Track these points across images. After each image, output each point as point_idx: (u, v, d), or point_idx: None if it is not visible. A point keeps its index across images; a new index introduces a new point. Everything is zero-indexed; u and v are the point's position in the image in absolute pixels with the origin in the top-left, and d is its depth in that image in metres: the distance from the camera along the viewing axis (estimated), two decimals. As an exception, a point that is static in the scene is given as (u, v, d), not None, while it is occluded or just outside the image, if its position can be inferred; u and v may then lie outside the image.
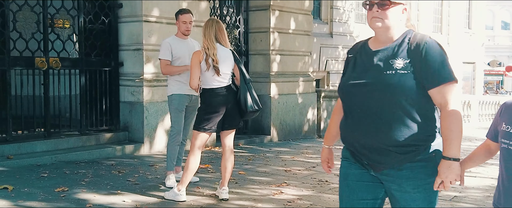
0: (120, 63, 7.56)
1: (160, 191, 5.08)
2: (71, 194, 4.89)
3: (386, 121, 2.30)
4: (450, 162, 2.27)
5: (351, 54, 2.55)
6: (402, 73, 2.29)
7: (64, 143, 6.91)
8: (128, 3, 7.41)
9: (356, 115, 2.39)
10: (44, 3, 6.81)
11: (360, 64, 2.45)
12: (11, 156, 6.24)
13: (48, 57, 6.80)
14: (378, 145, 2.32)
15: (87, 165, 6.29)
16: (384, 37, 2.41)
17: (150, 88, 7.36)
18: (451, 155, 2.28)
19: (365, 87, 2.35)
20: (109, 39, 7.50)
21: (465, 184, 2.50)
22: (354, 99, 2.40)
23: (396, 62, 2.32)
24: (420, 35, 2.38)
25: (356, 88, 2.39)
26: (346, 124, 2.47)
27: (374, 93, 2.32)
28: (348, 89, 2.44)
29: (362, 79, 2.38)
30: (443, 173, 2.27)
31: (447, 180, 2.27)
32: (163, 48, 5.32)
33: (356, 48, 2.55)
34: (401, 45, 2.36)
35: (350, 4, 15.60)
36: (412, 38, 2.37)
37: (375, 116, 2.32)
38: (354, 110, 2.40)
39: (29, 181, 5.33)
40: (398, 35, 2.39)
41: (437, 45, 2.32)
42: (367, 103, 2.34)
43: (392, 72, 2.30)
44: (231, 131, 4.88)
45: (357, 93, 2.38)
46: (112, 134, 7.45)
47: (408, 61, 2.31)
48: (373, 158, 2.38)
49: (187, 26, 5.34)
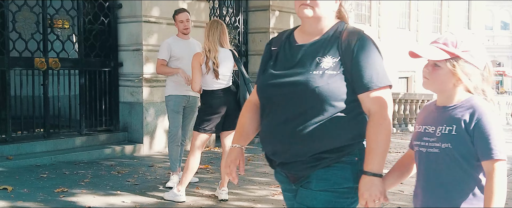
0: (119, 64, 7.56)
1: (160, 191, 5.08)
2: (71, 194, 4.89)
3: (309, 127, 1.99)
4: (372, 178, 1.96)
5: (275, 47, 2.18)
6: (330, 74, 1.99)
7: (63, 143, 6.91)
8: (128, 4, 7.41)
9: (276, 120, 2.06)
10: (43, 4, 6.81)
11: (282, 60, 2.12)
12: (10, 156, 6.24)
13: (47, 58, 6.80)
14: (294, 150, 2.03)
15: (87, 166, 6.29)
16: (313, 29, 2.09)
17: (150, 88, 7.36)
18: (373, 170, 1.97)
19: (287, 88, 2.03)
20: (109, 39, 7.50)
21: None
22: (274, 102, 2.07)
23: (324, 61, 2.01)
24: (353, 30, 2.07)
25: (277, 88, 2.06)
26: (262, 126, 2.16)
27: (297, 95, 2.00)
28: (268, 89, 2.11)
29: (284, 79, 2.05)
30: (365, 191, 1.97)
31: (371, 199, 1.96)
32: (162, 48, 5.36)
33: (280, 40, 2.19)
34: (331, 40, 2.05)
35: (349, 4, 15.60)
36: (343, 33, 2.05)
37: (296, 121, 2.00)
38: (274, 114, 2.07)
39: (29, 182, 5.32)
40: (328, 27, 2.08)
41: (371, 42, 2.04)
42: (288, 107, 2.03)
43: (318, 73, 1.99)
44: (231, 132, 4.87)
45: (278, 95, 2.06)
46: (112, 135, 7.44)
47: (338, 59, 2.01)
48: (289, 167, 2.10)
49: (184, 24, 5.35)
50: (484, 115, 1.83)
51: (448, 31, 18.70)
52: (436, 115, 1.96)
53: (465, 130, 1.84)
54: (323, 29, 2.08)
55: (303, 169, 2.06)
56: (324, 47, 2.04)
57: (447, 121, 1.90)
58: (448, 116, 1.91)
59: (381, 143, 1.98)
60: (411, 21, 18.77)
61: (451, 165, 1.88)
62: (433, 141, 1.92)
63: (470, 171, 1.87)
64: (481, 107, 1.85)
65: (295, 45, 2.11)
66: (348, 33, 2.04)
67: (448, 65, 1.87)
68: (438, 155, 1.90)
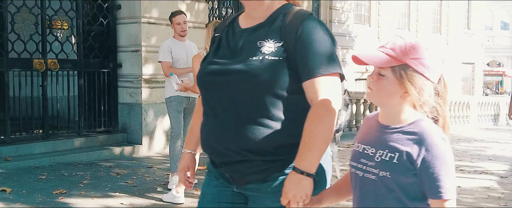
0: (118, 65, 7.56)
1: (158, 193, 5.07)
2: (69, 196, 4.88)
3: (250, 121, 1.77)
4: (301, 177, 1.71)
5: (218, 33, 1.99)
6: (272, 60, 1.76)
7: (62, 144, 6.90)
8: (127, 5, 7.40)
9: (215, 113, 1.85)
10: (42, 5, 6.80)
11: (224, 46, 1.91)
12: (9, 158, 6.23)
13: (46, 59, 6.79)
14: (239, 152, 1.80)
15: (85, 167, 6.28)
16: (256, 12, 1.89)
17: (149, 89, 7.35)
18: (303, 167, 1.71)
19: (226, 76, 1.81)
20: (108, 40, 7.49)
21: (461, 187, 2.28)
22: (213, 92, 1.86)
23: (265, 45, 1.79)
24: (299, 11, 1.85)
25: (215, 77, 1.85)
26: (204, 124, 1.93)
27: (235, 84, 1.78)
28: (205, 78, 1.89)
29: (223, 66, 1.84)
30: (289, 190, 1.72)
31: (295, 199, 1.72)
32: (163, 51, 5.32)
33: (224, 25, 2.00)
34: (274, 23, 1.84)
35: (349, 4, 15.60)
36: (288, 15, 1.84)
37: (236, 114, 1.79)
38: (213, 106, 1.86)
39: (28, 183, 5.32)
40: (272, 10, 1.87)
41: (318, 25, 1.80)
42: (227, 97, 1.81)
43: (259, 58, 1.77)
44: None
45: (216, 84, 1.84)
46: (111, 136, 7.44)
47: (281, 44, 1.79)
48: (234, 169, 1.86)
49: (181, 27, 5.34)
50: (433, 146, 1.55)
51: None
52: (377, 135, 1.68)
53: (409, 161, 1.57)
54: (267, 12, 1.87)
55: (251, 172, 1.83)
56: (267, 31, 1.83)
57: (389, 146, 1.62)
58: (391, 140, 1.62)
59: (317, 138, 1.71)
60: (411, 21, 18.77)
61: (388, 197, 1.61)
62: (371, 165, 1.64)
63: (410, 205, 1.60)
64: (430, 135, 1.57)
65: (237, 30, 1.91)
66: (293, 15, 1.83)
67: (394, 74, 1.59)
68: (375, 183, 1.63)
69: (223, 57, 1.88)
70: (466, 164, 7.62)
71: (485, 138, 12.04)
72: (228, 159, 1.84)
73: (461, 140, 11.33)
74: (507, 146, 10.34)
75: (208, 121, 1.90)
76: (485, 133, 13.74)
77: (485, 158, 8.47)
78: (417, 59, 1.58)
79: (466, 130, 13.89)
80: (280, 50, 1.78)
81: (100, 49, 7.45)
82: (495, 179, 6.42)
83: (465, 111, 15.61)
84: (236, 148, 1.79)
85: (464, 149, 9.49)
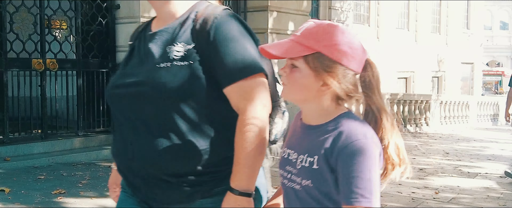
0: (117, 65, 7.55)
1: (157, 193, 5.07)
2: (68, 196, 4.87)
3: (161, 138, 1.54)
4: (238, 198, 1.50)
5: (131, 40, 1.78)
6: (181, 65, 1.53)
7: (61, 144, 6.89)
8: (126, 4, 7.40)
9: (124, 129, 1.63)
10: (41, 4, 6.80)
11: (135, 55, 1.69)
12: (8, 158, 6.22)
13: (45, 59, 6.79)
14: (154, 174, 1.57)
15: (84, 167, 6.27)
16: (165, 13, 1.66)
17: (148, 89, 7.35)
18: (239, 187, 1.50)
19: (133, 88, 1.59)
20: (107, 40, 7.49)
21: (460, 187, 2.07)
22: (120, 106, 1.64)
23: (173, 50, 1.56)
24: (211, 8, 1.62)
25: (120, 90, 1.63)
26: (114, 142, 1.70)
27: (143, 96, 1.56)
28: (110, 92, 1.68)
29: (131, 77, 1.62)
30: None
31: None
32: None
33: (137, 31, 1.78)
34: (185, 23, 1.61)
35: (348, 4, 15.59)
36: (199, 13, 1.61)
37: (146, 130, 1.57)
38: (121, 122, 1.65)
39: (26, 183, 5.31)
40: (184, 9, 1.65)
41: (233, 21, 1.58)
42: (136, 111, 1.59)
43: (167, 65, 1.55)
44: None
45: (123, 97, 1.62)
46: (109, 136, 7.41)
47: (192, 46, 1.56)
48: (150, 193, 1.63)
49: None
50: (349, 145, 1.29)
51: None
52: (300, 137, 1.45)
53: (327, 165, 1.33)
54: (177, 12, 1.65)
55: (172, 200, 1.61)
56: (176, 33, 1.60)
57: (310, 148, 1.37)
58: (312, 141, 1.38)
59: (249, 151, 1.49)
60: (410, 21, 18.76)
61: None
62: (294, 173, 1.40)
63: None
64: (348, 132, 1.31)
65: (148, 34, 1.68)
66: (204, 13, 1.60)
67: (307, 65, 1.34)
68: (300, 193, 1.39)
69: (133, 67, 1.65)
70: (466, 164, 7.62)
71: (484, 138, 12.05)
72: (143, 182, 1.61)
73: (460, 140, 11.34)
74: (506, 146, 10.34)
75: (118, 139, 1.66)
76: (484, 133, 13.75)
77: (484, 158, 8.47)
78: (332, 45, 1.33)
79: (465, 130, 13.91)
80: (191, 53, 1.55)
81: (99, 49, 7.44)
82: (494, 179, 6.42)
83: (464, 111, 15.61)
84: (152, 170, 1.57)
85: (463, 149, 9.50)
